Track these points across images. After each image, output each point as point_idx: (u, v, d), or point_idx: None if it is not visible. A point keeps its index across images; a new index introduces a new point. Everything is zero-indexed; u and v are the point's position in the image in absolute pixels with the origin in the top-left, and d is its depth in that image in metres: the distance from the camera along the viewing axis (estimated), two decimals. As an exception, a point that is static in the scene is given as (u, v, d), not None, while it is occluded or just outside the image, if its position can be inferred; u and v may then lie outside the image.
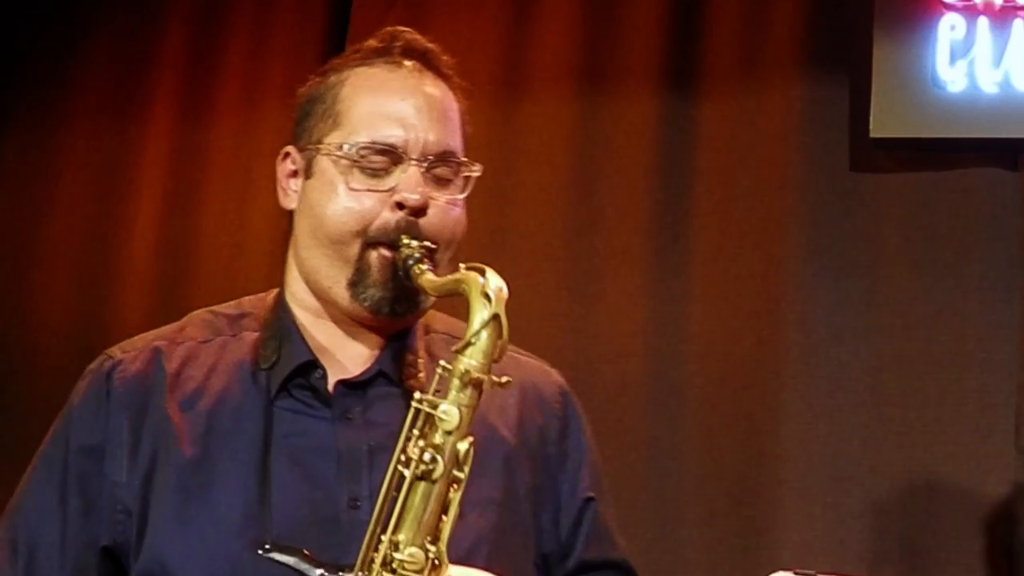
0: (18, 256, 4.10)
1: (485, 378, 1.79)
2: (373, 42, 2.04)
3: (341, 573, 1.81)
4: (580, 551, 2.06)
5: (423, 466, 1.78)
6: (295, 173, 2.02)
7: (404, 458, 1.80)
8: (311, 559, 1.82)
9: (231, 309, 2.07)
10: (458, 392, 1.80)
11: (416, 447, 1.79)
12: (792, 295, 3.58)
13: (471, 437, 1.81)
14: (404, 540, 1.79)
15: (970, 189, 3.52)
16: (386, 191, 1.93)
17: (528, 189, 3.78)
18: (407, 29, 2.05)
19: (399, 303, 1.94)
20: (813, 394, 3.53)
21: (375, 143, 1.94)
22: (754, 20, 3.68)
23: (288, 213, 2.03)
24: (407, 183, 1.93)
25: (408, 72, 1.99)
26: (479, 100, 3.77)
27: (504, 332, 1.80)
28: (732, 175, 3.66)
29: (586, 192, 3.74)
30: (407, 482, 1.79)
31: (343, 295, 1.95)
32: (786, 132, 3.63)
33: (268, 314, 2.03)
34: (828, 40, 3.64)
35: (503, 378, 1.81)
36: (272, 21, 4.09)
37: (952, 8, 3.50)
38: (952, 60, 3.50)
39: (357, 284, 1.94)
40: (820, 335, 3.55)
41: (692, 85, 3.72)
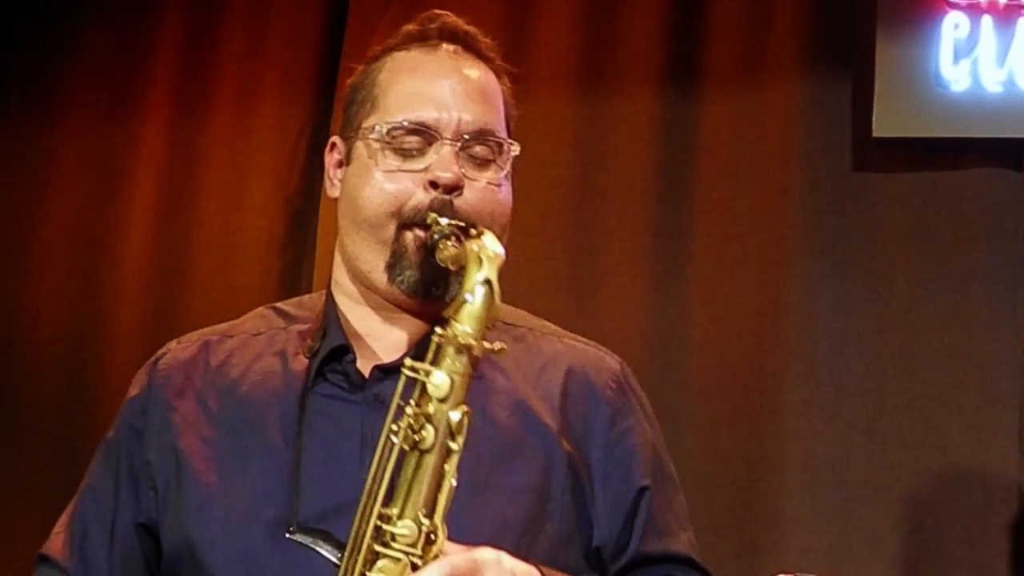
0: (12, 254, 4.09)
1: (475, 344, 1.76)
2: (411, 26, 2.04)
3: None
4: (637, 543, 2.01)
5: (414, 436, 1.75)
6: (340, 163, 2.03)
7: (395, 427, 1.77)
8: (335, 541, 1.81)
9: (292, 305, 2.10)
10: (451, 360, 1.77)
11: (408, 417, 1.76)
12: (794, 295, 3.56)
13: (465, 407, 1.77)
14: (396, 513, 1.76)
15: (974, 189, 3.50)
16: (420, 171, 1.93)
17: (527, 189, 3.70)
18: (445, 12, 2.05)
19: (435, 285, 1.92)
20: (815, 395, 3.51)
21: (409, 122, 1.93)
22: (756, 19, 3.67)
23: (334, 205, 2.05)
24: (440, 162, 1.92)
25: (446, 54, 2.00)
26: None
27: (496, 297, 1.78)
28: (733, 175, 3.64)
29: (586, 192, 3.72)
30: (398, 452, 1.76)
31: (381, 279, 1.95)
32: (788, 132, 3.61)
33: (319, 305, 2.05)
34: (830, 39, 3.62)
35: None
36: (268, 18, 4.07)
37: (956, 7, 3.48)
38: (956, 59, 3.47)
39: (394, 266, 1.93)
40: (822, 336, 3.54)
41: (693, 84, 3.70)
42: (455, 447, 1.76)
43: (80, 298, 4.03)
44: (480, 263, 1.78)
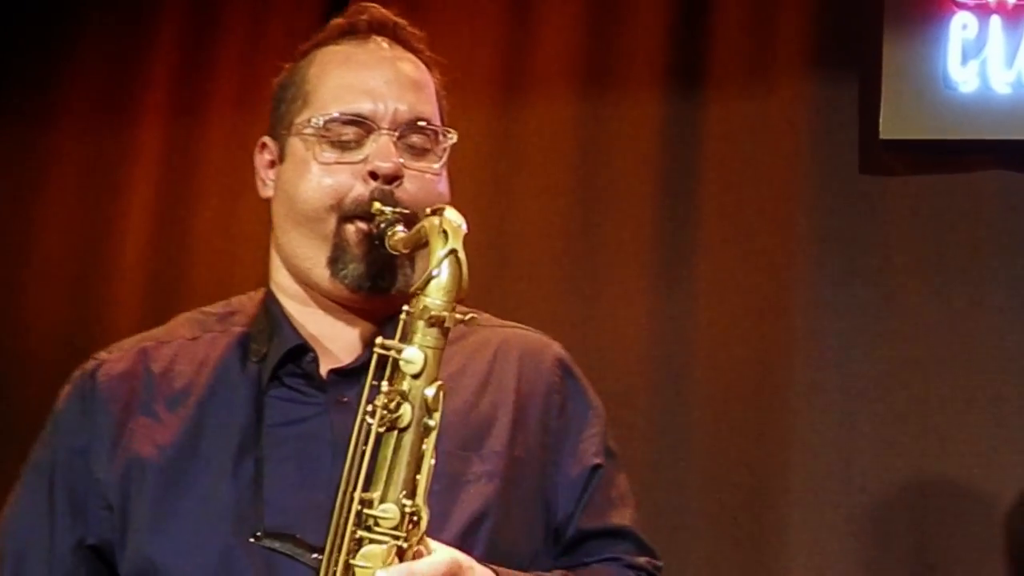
0: (8, 257, 4.08)
1: (447, 315, 1.75)
2: (340, 20, 2.01)
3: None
4: (579, 520, 2.01)
5: (390, 415, 1.73)
6: (272, 163, 2.00)
7: (370, 408, 1.74)
8: (304, 544, 1.78)
9: (220, 308, 2.04)
10: (421, 334, 1.75)
11: (382, 396, 1.74)
12: (801, 298, 3.55)
13: (439, 381, 1.75)
14: (377, 496, 1.73)
15: (982, 191, 3.50)
16: (358, 162, 1.90)
17: (531, 190, 3.76)
18: (373, 4, 2.02)
19: (381, 277, 1.89)
20: (821, 399, 3.50)
21: (343, 114, 1.91)
22: (762, 20, 3.66)
23: (267, 206, 2.00)
24: (378, 152, 1.90)
25: (376, 46, 1.97)
26: (481, 100, 3.82)
27: (463, 267, 1.76)
28: (739, 177, 3.63)
29: (590, 194, 3.71)
30: (375, 434, 1.74)
31: (323, 275, 1.91)
32: (795, 133, 3.60)
33: (257, 308, 2.00)
34: (837, 40, 3.62)
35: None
36: (266, 20, 4.06)
37: (964, 7, 3.48)
38: (964, 60, 3.47)
39: (336, 261, 1.90)
40: (829, 339, 3.53)
41: (698, 86, 3.69)
42: (432, 424, 1.75)
43: (76, 303, 4.00)
44: (444, 236, 1.76)
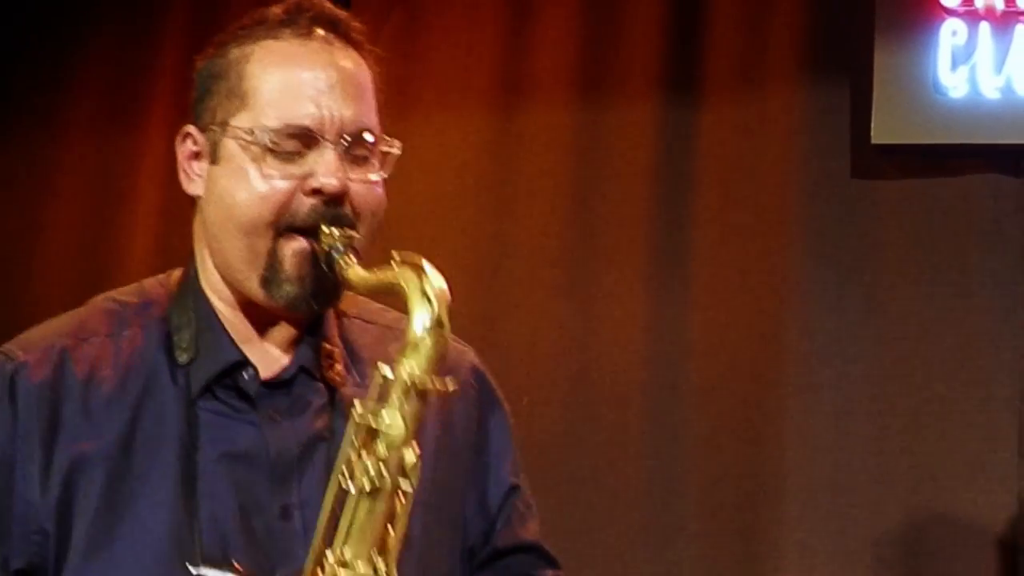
0: (15, 263, 4.07)
1: (431, 388, 1.69)
2: (278, 10, 1.87)
3: None
4: (494, 539, 1.97)
5: (368, 481, 1.68)
6: (197, 155, 1.86)
7: (346, 471, 1.70)
8: (243, 571, 1.74)
9: (134, 296, 1.92)
10: (401, 401, 1.69)
11: (360, 461, 1.69)
12: (793, 302, 3.57)
13: (416, 447, 1.71)
14: (351, 555, 1.70)
15: (972, 195, 3.51)
16: (301, 176, 1.79)
17: (527, 196, 3.77)
18: None
19: (317, 298, 1.81)
20: (815, 402, 3.52)
21: (288, 126, 1.79)
22: (755, 26, 3.67)
23: (190, 196, 1.90)
24: (325, 167, 1.79)
25: (319, 44, 1.84)
26: (478, 106, 3.84)
27: (447, 336, 1.71)
28: (733, 182, 3.65)
29: (586, 199, 3.73)
30: (353, 498, 1.69)
31: (256, 290, 1.82)
32: (787, 138, 3.62)
33: (175, 302, 1.88)
34: (829, 46, 3.63)
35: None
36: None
37: (954, 13, 3.49)
38: (954, 66, 3.48)
39: (271, 281, 1.80)
40: (822, 342, 3.54)
41: (692, 91, 3.70)
42: (408, 488, 1.71)
43: (83, 308, 4.01)
44: (428, 301, 1.70)
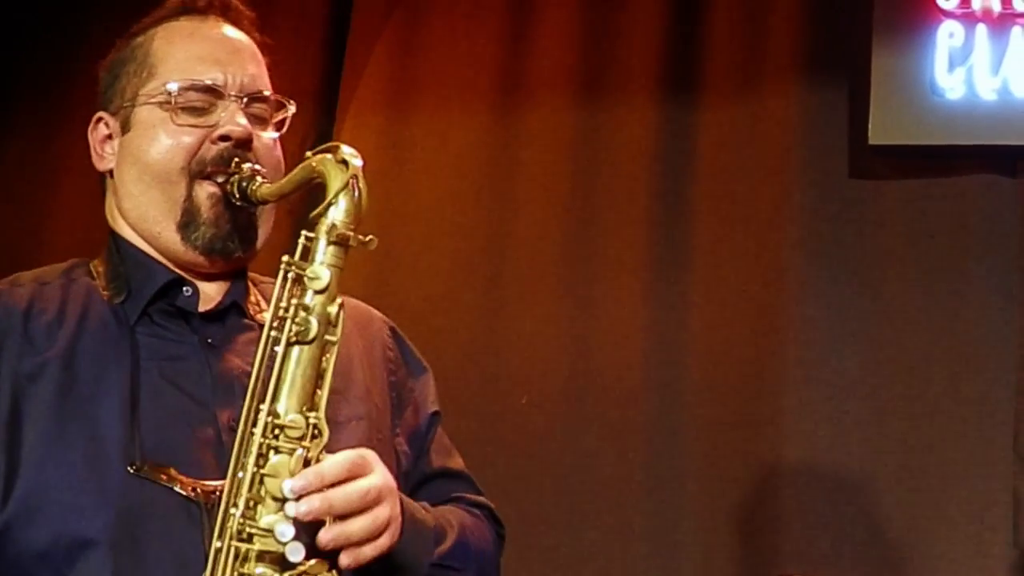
0: (21, 260, 4.06)
1: (351, 235, 1.81)
2: (175, 2, 2.08)
3: (218, 492, 1.77)
4: (423, 464, 2.07)
5: (296, 327, 1.78)
6: (109, 136, 2.04)
7: (276, 323, 1.79)
8: (181, 478, 1.80)
9: (57, 264, 2.05)
10: (324, 252, 1.81)
11: (288, 310, 1.79)
12: (791, 302, 3.57)
13: (340, 299, 1.81)
14: (284, 408, 1.77)
15: (969, 196, 3.52)
16: (209, 127, 1.95)
17: (527, 195, 3.77)
18: None
19: (232, 238, 1.95)
20: (812, 400, 3.53)
21: (194, 82, 1.96)
22: (753, 27, 3.68)
23: (100, 178, 2.06)
24: (230, 117, 1.95)
25: (215, 23, 2.05)
26: (478, 108, 3.85)
27: (364, 192, 1.83)
28: (731, 182, 3.66)
29: (585, 199, 3.74)
30: (282, 347, 1.78)
31: (173, 239, 1.95)
32: (785, 139, 3.63)
33: (100, 265, 2.01)
34: (827, 47, 3.64)
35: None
36: (271, 28, 4.04)
37: (951, 15, 3.50)
38: (951, 67, 3.49)
39: (188, 225, 1.94)
40: (819, 342, 3.55)
41: (691, 92, 3.72)
42: (334, 339, 1.80)
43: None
44: (344, 165, 1.83)
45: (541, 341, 3.68)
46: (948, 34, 3.50)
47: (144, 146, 1.96)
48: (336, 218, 1.81)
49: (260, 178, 1.91)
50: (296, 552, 1.72)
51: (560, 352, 3.67)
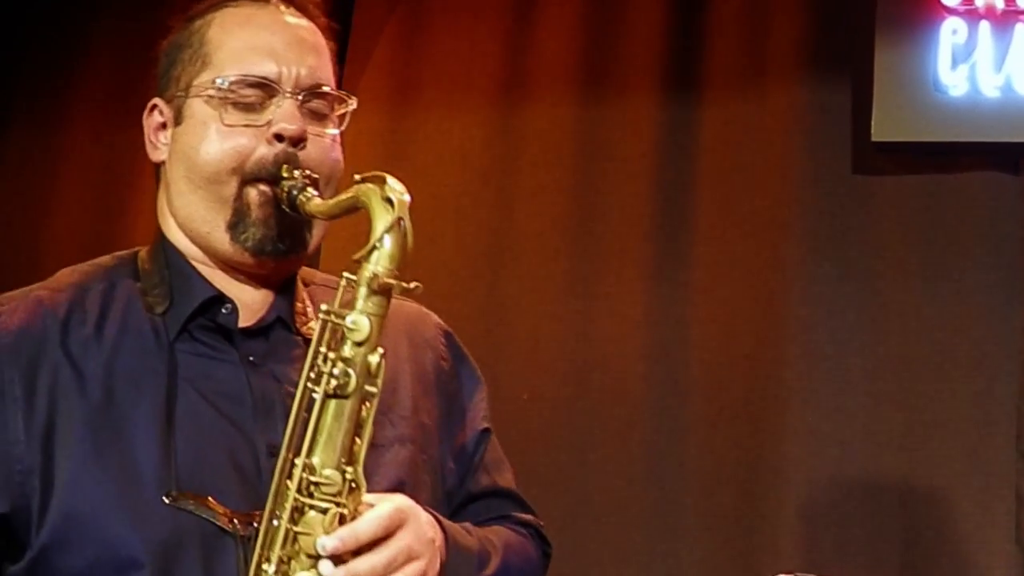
0: (19, 256, 4.08)
1: (394, 283, 1.75)
2: None
3: (255, 522, 1.75)
4: (470, 483, 2.03)
5: (334, 381, 1.72)
6: (163, 125, 1.95)
7: (314, 375, 1.74)
8: (217, 507, 1.77)
9: (107, 261, 1.98)
10: (365, 301, 1.74)
11: (326, 362, 1.73)
12: (793, 298, 3.57)
13: (382, 349, 1.75)
14: (319, 463, 1.72)
15: (972, 193, 3.52)
16: (262, 125, 1.87)
17: (530, 192, 3.77)
18: None
19: (283, 240, 1.88)
20: (814, 398, 3.53)
21: (248, 76, 1.87)
22: (756, 24, 3.68)
23: (154, 168, 1.98)
24: (284, 115, 1.87)
25: (275, 9, 1.94)
26: (480, 104, 3.84)
27: (409, 236, 1.77)
28: (734, 179, 3.66)
29: (588, 196, 3.74)
30: (319, 400, 1.73)
31: (222, 239, 1.88)
32: (788, 136, 3.62)
33: (146, 263, 1.94)
34: (830, 44, 3.63)
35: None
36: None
37: (954, 12, 3.49)
38: (954, 64, 3.49)
39: (237, 225, 1.87)
40: (821, 338, 3.55)
41: (694, 89, 3.71)
42: (374, 390, 1.74)
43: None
44: (389, 204, 1.76)
45: (543, 337, 3.68)
46: (951, 31, 3.49)
47: (194, 144, 1.88)
48: (379, 265, 1.75)
49: (312, 190, 1.84)
50: None
51: (562, 348, 3.67)
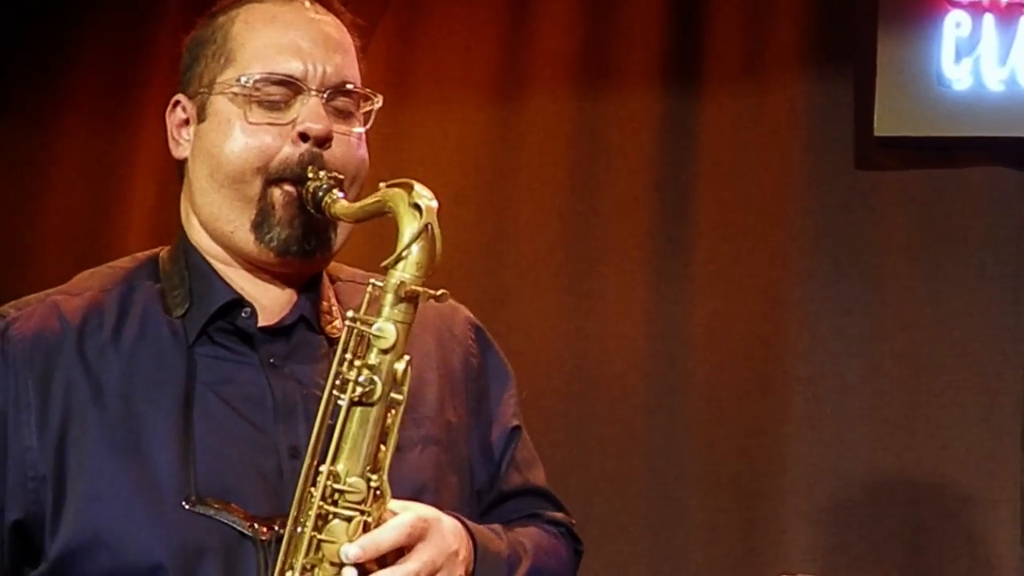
0: (11, 257, 4.06)
1: (421, 290, 1.73)
2: None
3: (278, 526, 1.74)
4: (500, 482, 2.01)
5: (360, 388, 1.71)
6: (186, 122, 1.94)
7: (339, 382, 1.73)
8: (239, 512, 1.76)
9: (127, 263, 1.97)
10: (392, 308, 1.73)
11: (351, 369, 1.72)
12: (795, 294, 3.56)
13: (408, 356, 1.74)
14: (344, 470, 1.72)
15: (975, 188, 3.50)
16: (286, 124, 1.86)
17: (528, 187, 3.75)
18: None
19: (308, 240, 1.86)
20: (816, 394, 3.52)
21: (272, 74, 1.86)
22: (757, 17, 3.66)
23: (178, 165, 1.97)
24: (309, 114, 1.86)
25: (300, 6, 1.93)
26: (478, 97, 3.82)
27: (438, 243, 1.74)
28: (735, 174, 3.64)
29: (587, 191, 3.72)
30: (344, 407, 1.72)
31: (247, 239, 1.87)
32: (789, 130, 3.61)
33: (167, 263, 1.93)
34: (832, 38, 3.61)
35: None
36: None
37: (957, 5, 3.47)
38: (957, 58, 3.47)
39: (261, 225, 1.86)
40: (823, 335, 3.54)
41: (694, 83, 3.69)
42: (400, 398, 1.74)
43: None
44: (417, 211, 1.74)
45: (541, 335, 3.66)
46: (955, 24, 3.47)
47: (218, 142, 1.87)
48: (407, 272, 1.73)
49: (337, 191, 1.82)
50: None
51: (561, 346, 3.65)
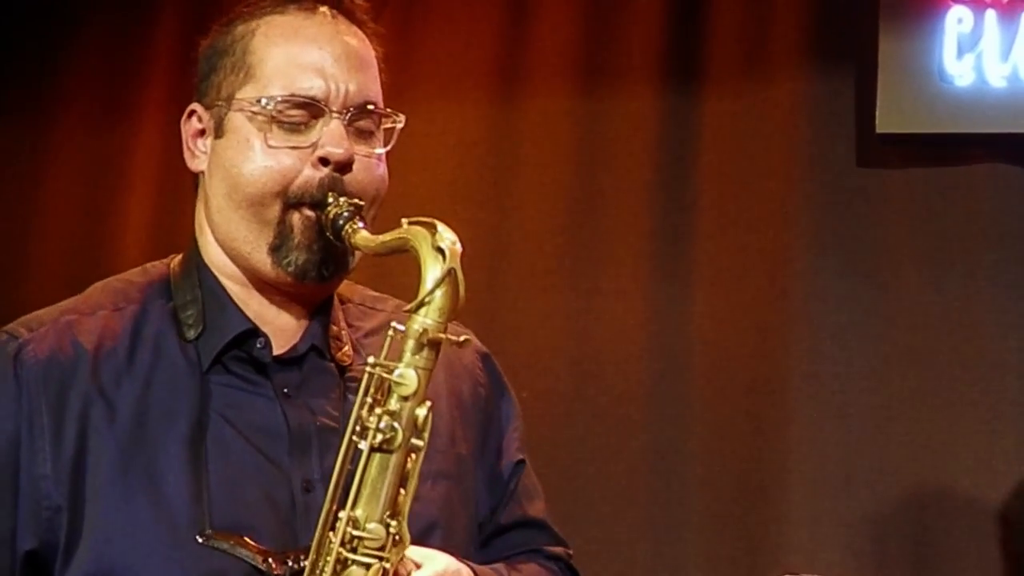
0: (7, 254, 4.06)
1: (443, 337, 1.71)
2: None
3: (291, 561, 1.73)
4: (501, 515, 2.00)
5: (380, 435, 1.69)
6: (202, 132, 1.89)
7: (359, 428, 1.71)
8: (252, 547, 1.74)
9: (138, 276, 1.94)
10: (413, 354, 1.71)
11: (372, 415, 1.70)
12: (797, 292, 3.55)
13: (429, 402, 1.72)
14: (363, 516, 1.70)
15: (978, 185, 3.49)
16: (307, 147, 1.82)
17: (529, 186, 3.75)
18: None
19: (326, 266, 1.83)
20: (819, 393, 3.51)
21: (294, 96, 1.82)
22: (758, 14, 3.65)
23: (193, 176, 1.92)
24: (330, 137, 1.82)
25: (323, 19, 1.88)
26: (478, 96, 3.81)
27: (461, 288, 1.72)
28: (736, 171, 3.63)
29: (588, 189, 3.71)
30: (364, 454, 1.70)
31: (264, 261, 1.84)
32: (791, 127, 3.60)
33: (179, 281, 1.90)
34: (833, 34, 3.61)
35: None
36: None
37: (959, 1, 3.46)
38: (959, 54, 3.46)
39: (279, 248, 1.82)
40: (826, 333, 3.53)
41: (695, 80, 3.68)
42: (420, 443, 1.72)
43: (77, 298, 4.00)
44: (440, 254, 1.72)
45: (542, 334, 3.66)
46: (957, 20, 3.46)
47: (237, 162, 1.83)
48: (429, 318, 1.70)
49: (358, 221, 1.79)
50: None
51: (562, 345, 3.65)
